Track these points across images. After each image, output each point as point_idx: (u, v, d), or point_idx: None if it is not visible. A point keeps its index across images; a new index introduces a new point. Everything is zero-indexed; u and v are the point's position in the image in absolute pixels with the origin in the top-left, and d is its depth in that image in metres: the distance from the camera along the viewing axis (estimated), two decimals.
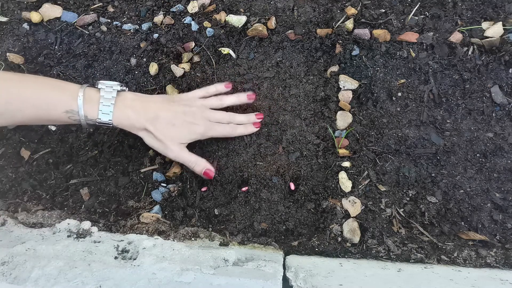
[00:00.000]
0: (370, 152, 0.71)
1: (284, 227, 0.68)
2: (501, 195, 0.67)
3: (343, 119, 0.73)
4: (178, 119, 0.67)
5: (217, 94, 0.73)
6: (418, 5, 0.79)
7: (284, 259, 0.62)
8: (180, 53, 0.80)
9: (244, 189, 0.70)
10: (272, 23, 0.80)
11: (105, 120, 0.63)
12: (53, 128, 0.78)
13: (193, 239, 0.65)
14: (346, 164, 0.70)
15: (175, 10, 0.84)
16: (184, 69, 0.79)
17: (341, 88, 0.75)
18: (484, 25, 0.76)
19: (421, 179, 0.69)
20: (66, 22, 0.84)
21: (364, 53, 0.77)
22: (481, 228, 0.65)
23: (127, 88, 0.68)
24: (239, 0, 0.84)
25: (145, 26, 0.83)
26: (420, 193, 0.68)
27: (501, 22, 0.74)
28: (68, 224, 0.65)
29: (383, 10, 0.79)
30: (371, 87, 0.75)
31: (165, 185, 0.72)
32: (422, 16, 0.78)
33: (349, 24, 0.77)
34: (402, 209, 0.67)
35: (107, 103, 0.63)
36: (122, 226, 0.67)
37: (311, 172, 0.71)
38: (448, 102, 0.73)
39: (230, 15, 0.81)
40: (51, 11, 0.84)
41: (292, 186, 0.70)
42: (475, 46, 0.75)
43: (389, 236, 0.65)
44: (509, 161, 0.69)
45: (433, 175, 0.69)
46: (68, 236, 0.63)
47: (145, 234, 0.65)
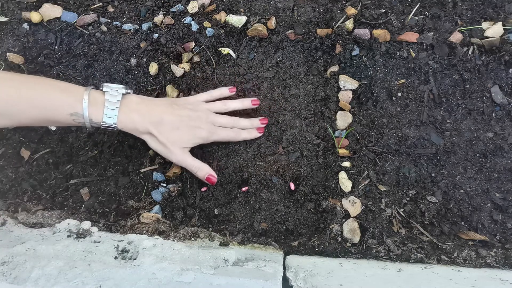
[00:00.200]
0: (370, 152, 0.71)
1: (284, 227, 0.68)
2: (501, 195, 0.67)
3: (343, 119, 0.73)
4: (182, 123, 0.67)
5: (221, 98, 0.73)
6: (418, 5, 0.79)
7: (284, 259, 0.62)
8: (180, 53, 0.80)
9: (244, 189, 0.70)
10: (272, 23, 0.80)
11: (110, 124, 0.63)
12: (53, 128, 0.78)
13: (193, 239, 0.65)
14: (346, 164, 0.70)
15: (175, 10, 0.84)
16: (184, 69, 0.79)
17: (341, 88, 0.75)
18: (484, 25, 0.76)
19: (421, 179, 0.69)
20: (66, 22, 0.84)
21: (364, 53, 0.77)
22: (481, 228, 0.65)
23: (132, 91, 0.68)
24: (239, 0, 0.84)
25: (145, 26, 0.83)
26: (420, 193, 0.68)
27: (501, 22, 0.74)
28: (68, 224, 0.65)
29: (383, 10, 0.79)
30: (371, 87, 0.75)
31: (165, 185, 0.72)
32: (422, 16, 0.78)
33: (349, 24, 0.77)
34: (402, 209, 0.67)
35: (112, 107, 0.63)
36: (122, 226, 0.67)
37: (311, 172, 0.71)
38: (448, 102, 0.73)
39: (230, 15, 0.81)
40: (51, 11, 0.84)
41: (292, 186, 0.70)
42: (475, 46, 0.75)
43: (389, 236, 0.65)
44: (509, 161, 0.69)
45: (433, 175, 0.69)
46: (68, 236, 0.63)
47: (145, 234, 0.65)
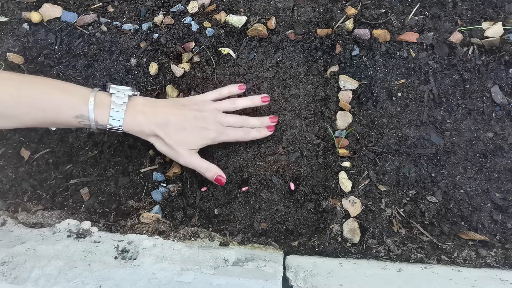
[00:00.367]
0: (370, 152, 0.71)
1: (284, 227, 0.68)
2: (501, 195, 0.67)
3: (343, 119, 0.73)
4: (189, 124, 0.65)
5: (230, 96, 0.72)
6: (418, 5, 0.79)
7: (284, 259, 0.62)
8: (180, 53, 0.80)
9: (244, 189, 0.70)
10: (272, 23, 0.80)
11: (116, 126, 0.62)
12: (53, 128, 0.78)
13: (193, 239, 0.65)
14: (346, 164, 0.70)
15: (175, 10, 0.84)
16: (184, 69, 0.79)
17: (341, 88, 0.75)
18: (484, 25, 0.76)
19: (421, 179, 0.69)
20: (66, 22, 0.84)
21: (364, 53, 0.77)
22: (481, 228, 0.65)
23: (139, 93, 0.67)
24: (239, 0, 0.84)
25: (145, 26, 0.83)
26: (420, 193, 0.68)
27: (501, 22, 0.74)
28: (68, 224, 0.65)
29: (383, 10, 0.79)
30: (371, 87, 0.75)
31: (165, 185, 0.72)
32: (422, 16, 0.78)
33: (349, 24, 0.77)
34: (402, 209, 0.67)
35: (118, 109, 0.62)
36: (122, 226, 0.67)
37: (311, 172, 0.71)
38: (448, 102, 0.73)
39: (230, 15, 0.81)
40: (51, 11, 0.84)
41: (292, 186, 0.70)
42: (475, 46, 0.75)
43: (389, 236, 0.65)
44: (509, 161, 0.69)
45: (433, 175, 0.69)
46: (68, 236, 0.63)
47: (145, 234, 0.65)
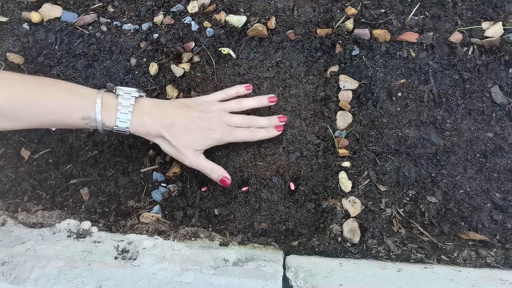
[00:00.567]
0: (370, 152, 0.71)
1: (284, 227, 0.68)
2: (501, 195, 0.67)
3: (343, 119, 0.73)
4: (194, 125, 0.65)
5: (238, 97, 0.72)
6: (418, 5, 0.79)
7: (284, 259, 0.62)
8: (180, 53, 0.80)
9: (244, 189, 0.70)
10: (272, 23, 0.80)
11: (122, 128, 0.62)
12: (53, 128, 0.78)
13: (193, 239, 0.65)
14: (346, 164, 0.70)
15: (175, 10, 0.84)
16: (184, 69, 0.79)
17: (341, 88, 0.75)
18: (484, 25, 0.76)
19: (421, 179, 0.69)
20: (66, 22, 0.84)
21: (364, 53, 0.77)
22: (481, 228, 0.65)
23: (145, 94, 0.67)
24: (239, 0, 0.84)
25: (145, 26, 0.83)
26: (420, 193, 0.68)
27: (501, 22, 0.74)
28: (68, 224, 0.65)
29: (383, 10, 0.79)
30: (371, 87, 0.75)
31: (165, 185, 0.72)
32: (422, 16, 0.78)
33: (349, 24, 0.77)
34: (402, 209, 0.67)
35: (125, 111, 0.62)
36: (122, 226, 0.67)
37: (311, 172, 0.71)
38: (448, 102, 0.73)
39: (230, 15, 0.81)
40: (51, 11, 0.84)
41: (292, 186, 0.70)
42: (475, 46, 0.75)
43: (389, 236, 0.65)
44: (509, 161, 0.69)
45: (433, 175, 0.69)
46: (68, 236, 0.63)
47: (145, 234, 0.65)
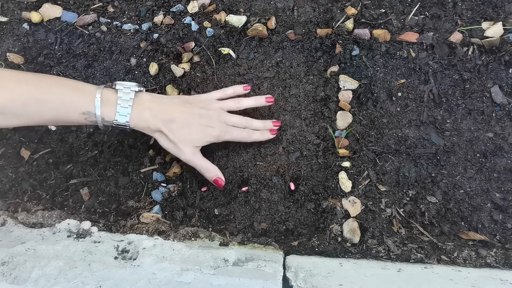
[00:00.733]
0: (370, 152, 0.71)
1: (284, 227, 0.68)
2: (501, 195, 0.67)
3: (343, 119, 0.73)
4: (194, 122, 0.66)
5: (235, 96, 0.72)
6: (418, 5, 0.79)
7: (284, 259, 0.62)
8: (180, 53, 0.80)
9: (244, 189, 0.70)
10: (272, 23, 0.80)
11: (122, 122, 0.62)
12: (53, 128, 0.78)
13: (193, 239, 0.65)
14: (346, 164, 0.70)
15: (175, 10, 0.84)
16: (184, 69, 0.79)
17: (341, 88, 0.75)
18: (484, 25, 0.76)
19: (421, 179, 0.69)
20: (66, 22, 0.84)
21: (364, 53, 0.77)
22: (481, 228, 0.65)
23: (144, 89, 0.67)
24: (239, 0, 0.84)
25: (145, 26, 0.83)
26: (420, 193, 0.68)
27: (501, 22, 0.74)
28: (68, 224, 0.65)
29: (383, 10, 0.79)
30: (371, 87, 0.75)
31: (165, 185, 0.72)
32: (422, 16, 0.78)
33: (349, 24, 0.77)
34: (402, 209, 0.67)
35: (125, 105, 0.62)
36: (122, 226, 0.67)
37: (311, 172, 0.71)
38: (448, 102, 0.73)
39: (230, 15, 0.81)
40: (51, 11, 0.84)
41: (292, 186, 0.70)
42: (475, 46, 0.75)
43: (389, 236, 0.65)
44: (509, 161, 0.69)
45: (433, 175, 0.69)
46: (68, 236, 0.63)
47: (145, 234, 0.65)
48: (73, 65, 0.81)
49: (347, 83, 0.75)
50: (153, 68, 0.79)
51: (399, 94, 0.74)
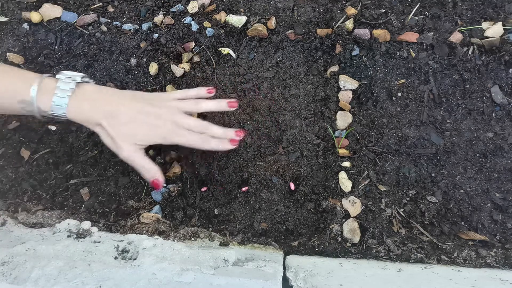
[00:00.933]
0: (370, 152, 0.71)
1: (284, 227, 0.68)
2: (501, 195, 0.67)
3: (343, 119, 0.73)
4: (138, 119, 0.62)
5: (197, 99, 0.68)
6: (418, 5, 0.79)
7: (284, 259, 0.62)
8: (180, 53, 0.80)
9: (244, 189, 0.70)
10: (272, 23, 0.80)
11: (59, 113, 0.59)
12: (53, 128, 0.78)
13: (193, 239, 0.65)
14: (346, 164, 0.70)
15: (175, 10, 0.84)
16: (184, 69, 0.79)
17: (341, 88, 0.75)
18: (484, 25, 0.76)
19: (421, 179, 0.69)
20: (66, 22, 0.84)
21: (364, 53, 0.77)
22: (481, 228, 0.65)
23: (94, 81, 0.64)
24: (239, 0, 0.84)
25: (145, 26, 0.83)
26: (420, 193, 0.68)
27: (501, 22, 0.74)
28: (68, 224, 0.65)
29: (383, 10, 0.79)
30: (371, 87, 0.75)
31: (165, 185, 0.72)
32: (422, 16, 0.78)
33: (349, 24, 0.77)
34: (402, 209, 0.67)
35: (62, 95, 0.59)
36: (122, 226, 0.67)
37: (311, 172, 0.71)
38: (448, 102, 0.73)
39: (230, 15, 0.81)
40: (51, 11, 0.84)
41: (292, 186, 0.70)
42: (475, 46, 0.75)
43: (389, 236, 0.65)
44: (509, 161, 0.69)
45: (433, 175, 0.69)
46: (68, 236, 0.63)
47: (145, 234, 0.65)
48: (73, 65, 0.81)
49: (347, 83, 0.75)
50: (153, 68, 0.79)
51: (399, 94, 0.74)
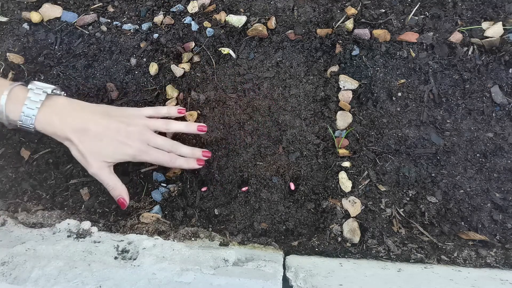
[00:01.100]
0: (370, 152, 0.71)
1: (284, 227, 0.68)
2: (501, 195, 0.67)
3: (343, 119, 0.73)
4: (108, 136, 0.62)
5: (167, 117, 0.70)
6: (418, 5, 0.79)
7: (284, 259, 0.62)
8: (180, 53, 0.80)
9: (244, 189, 0.70)
10: (272, 23, 0.80)
11: (27, 124, 0.60)
12: None
13: (193, 239, 0.65)
14: (346, 164, 0.70)
15: (175, 10, 0.84)
16: (184, 69, 0.79)
17: (341, 88, 0.75)
18: (484, 25, 0.76)
19: (421, 179, 0.69)
20: (66, 22, 0.84)
21: (364, 53, 0.77)
22: (481, 228, 0.65)
23: (64, 93, 0.65)
24: (239, 0, 0.84)
25: (145, 26, 0.83)
26: (420, 193, 0.68)
27: (501, 22, 0.74)
28: (68, 224, 0.65)
29: (383, 10, 0.79)
30: (371, 87, 0.75)
31: (165, 185, 0.72)
32: (422, 16, 0.78)
33: (349, 24, 0.77)
34: (402, 209, 0.67)
35: (32, 106, 0.59)
36: (122, 226, 0.67)
37: (311, 172, 0.71)
38: (448, 102, 0.73)
39: (230, 15, 0.81)
40: (51, 11, 0.84)
41: (292, 186, 0.70)
42: (475, 46, 0.75)
43: (389, 236, 0.65)
44: (509, 161, 0.69)
45: (433, 175, 0.69)
46: (68, 236, 0.63)
47: (145, 234, 0.65)
48: (73, 65, 0.81)
49: (347, 83, 0.75)
50: (153, 68, 0.79)
51: (399, 94, 0.74)
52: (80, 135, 0.61)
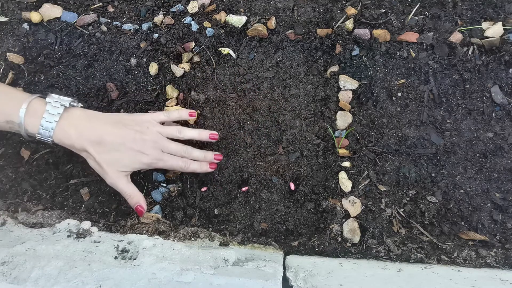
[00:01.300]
0: (370, 152, 0.71)
1: (284, 227, 0.68)
2: (501, 195, 0.67)
3: (343, 119, 0.73)
4: (124, 146, 0.63)
5: (181, 121, 0.70)
6: (418, 5, 0.79)
7: (284, 259, 0.62)
8: (180, 53, 0.80)
9: (244, 189, 0.70)
10: (272, 23, 0.80)
11: (45, 136, 0.61)
12: None
13: (193, 239, 0.65)
14: (346, 164, 0.70)
15: (175, 10, 0.84)
16: (184, 69, 0.79)
17: (341, 88, 0.75)
18: (484, 25, 0.76)
19: (421, 179, 0.69)
20: (66, 22, 0.84)
21: (364, 53, 0.77)
22: (481, 228, 0.65)
23: (81, 105, 0.66)
24: (239, 0, 0.84)
25: (145, 26, 0.83)
26: (420, 193, 0.68)
27: (501, 22, 0.74)
28: (68, 224, 0.65)
29: (383, 10, 0.79)
30: (371, 87, 0.75)
31: (165, 185, 0.72)
32: (422, 16, 0.78)
33: (349, 24, 0.77)
34: (402, 209, 0.67)
35: (50, 119, 0.60)
36: (122, 226, 0.67)
37: (311, 172, 0.71)
38: (448, 102, 0.73)
39: (230, 15, 0.81)
40: (51, 11, 0.84)
41: (292, 186, 0.70)
42: (475, 46, 0.75)
43: (389, 236, 0.65)
44: (509, 161, 0.69)
45: (433, 175, 0.69)
46: (68, 236, 0.63)
47: (145, 234, 0.65)
48: (73, 65, 0.81)
49: (347, 83, 0.75)
50: (153, 68, 0.79)
51: (399, 94, 0.74)
52: (97, 147, 0.62)
